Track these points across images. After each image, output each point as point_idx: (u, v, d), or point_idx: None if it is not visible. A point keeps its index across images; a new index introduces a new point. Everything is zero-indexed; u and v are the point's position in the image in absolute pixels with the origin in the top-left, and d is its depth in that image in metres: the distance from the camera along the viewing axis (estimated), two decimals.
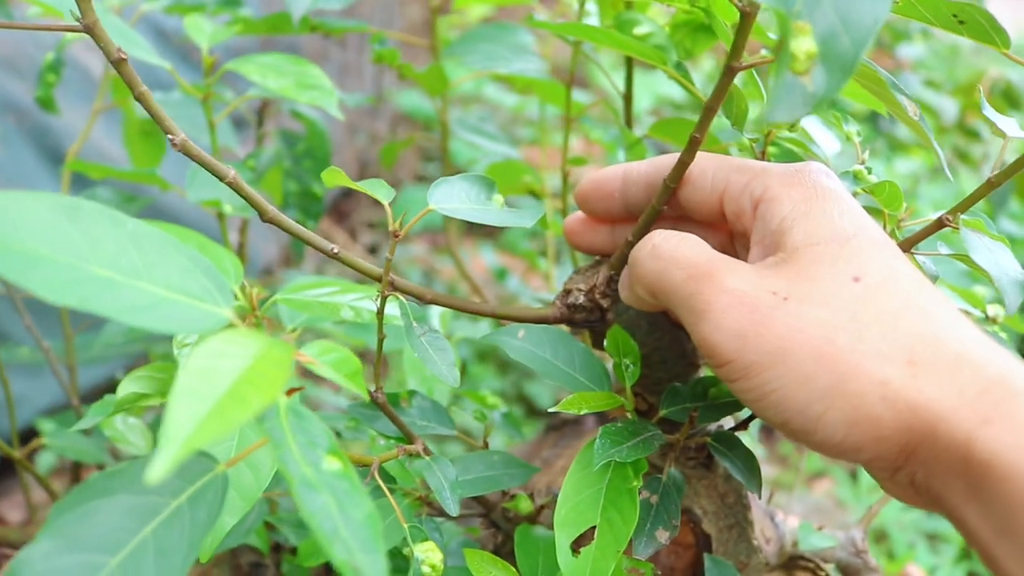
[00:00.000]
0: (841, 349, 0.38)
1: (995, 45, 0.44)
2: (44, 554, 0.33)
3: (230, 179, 0.46)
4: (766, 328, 0.40)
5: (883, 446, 0.39)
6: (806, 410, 0.39)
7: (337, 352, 0.36)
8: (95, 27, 0.43)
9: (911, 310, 0.39)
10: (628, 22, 0.66)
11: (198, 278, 0.35)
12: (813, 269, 0.40)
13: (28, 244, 0.31)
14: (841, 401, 0.38)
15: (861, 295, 0.39)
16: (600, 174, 0.52)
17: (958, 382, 0.37)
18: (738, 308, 0.41)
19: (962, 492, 0.37)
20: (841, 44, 0.33)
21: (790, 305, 0.40)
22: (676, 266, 0.44)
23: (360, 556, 0.30)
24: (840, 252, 0.41)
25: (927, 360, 0.38)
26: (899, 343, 0.38)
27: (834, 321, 0.39)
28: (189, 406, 0.28)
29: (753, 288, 0.41)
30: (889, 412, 0.38)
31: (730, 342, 0.40)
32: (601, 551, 0.47)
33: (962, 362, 0.38)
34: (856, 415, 0.38)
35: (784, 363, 0.39)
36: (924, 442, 0.38)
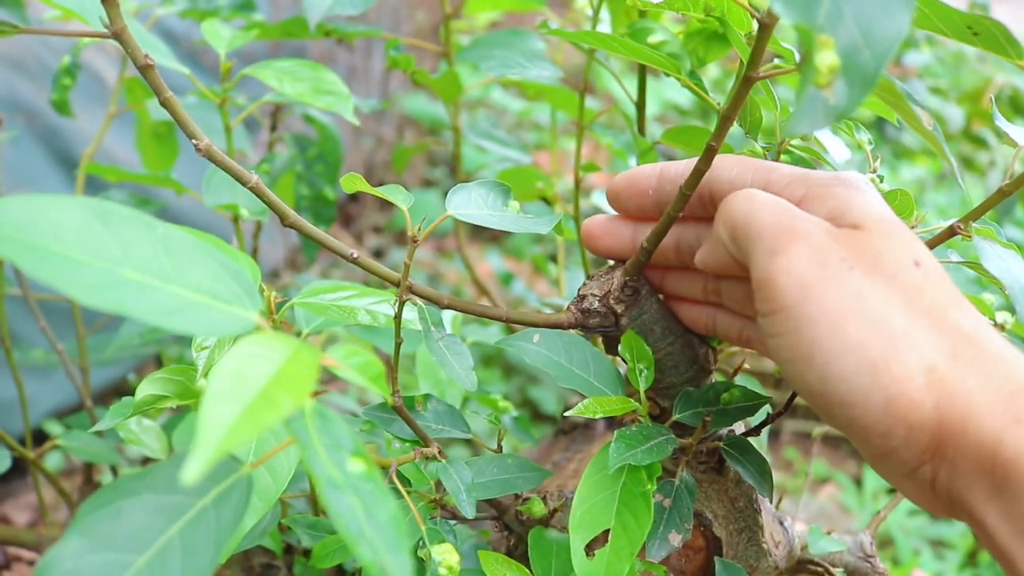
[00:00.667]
0: (895, 327, 0.39)
1: (1009, 57, 0.45)
2: (73, 553, 0.33)
3: (252, 184, 0.47)
4: (832, 286, 0.40)
5: (915, 434, 0.39)
6: (851, 379, 0.39)
7: (361, 356, 0.36)
8: (123, 33, 0.44)
9: (958, 306, 0.41)
10: (642, 30, 0.66)
11: (227, 282, 0.35)
12: (880, 244, 0.41)
13: (63, 247, 0.32)
14: (887, 378, 0.39)
15: (920, 281, 0.41)
16: (635, 171, 0.53)
17: (995, 381, 0.38)
18: (812, 259, 0.41)
19: (985, 492, 0.38)
20: (863, 58, 0.34)
21: (854, 274, 0.40)
22: (767, 209, 0.44)
23: (386, 556, 0.30)
24: (904, 232, 0.42)
25: (969, 356, 0.39)
26: (946, 335, 0.39)
27: (893, 300, 0.40)
28: (223, 408, 0.28)
29: (828, 247, 0.41)
30: (929, 399, 0.39)
31: (795, 288, 0.41)
32: (615, 553, 0.47)
33: (999, 362, 0.39)
34: (899, 396, 0.39)
35: (839, 325, 0.40)
36: (954, 436, 0.38)
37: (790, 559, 0.63)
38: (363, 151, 2.30)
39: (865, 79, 0.34)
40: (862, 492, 1.74)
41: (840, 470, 1.85)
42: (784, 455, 1.86)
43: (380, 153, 2.36)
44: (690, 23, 0.65)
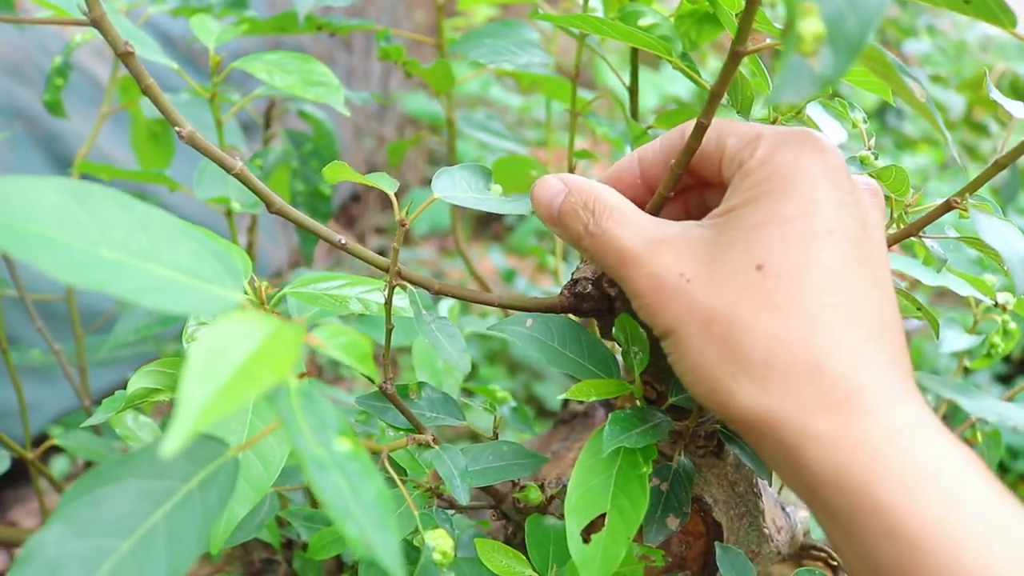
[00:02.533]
0: (711, 337, 0.41)
1: (1001, 24, 0.44)
2: (55, 539, 0.33)
3: (237, 171, 0.46)
4: (667, 308, 0.43)
5: (737, 427, 0.42)
6: (685, 375, 0.43)
7: (347, 335, 0.36)
8: (102, 21, 0.44)
9: (793, 308, 0.40)
10: (633, 14, 0.66)
11: (208, 262, 0.35)
12: (723, 253, 0.42)
13: (40, 227, 0.32)
14: (705, 379, 0.42)
15: (755, 285, 0.41)
16: (616, 168, 0.52)
17: (803, 393, 0.39)
18: (652, 291, 0.44)
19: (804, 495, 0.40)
20: (848, 25, 0.33)
21: (690, 287, 0.42)
22: (607, 252, 0.46)
23: (372, 533, 0.30)
24: (754, 239, 0.42)
25: (782, 365, 0.40)
26: (762, 341, 0.40)
27: (716, 309, 0.41)
28: (201, 382, 0.28)
29: (666, 270, 0.43)
30: (733, 404, 0.41)
31: (649, 318, 0.45)
32: (612, 537, 0.47)
33: (817, 373, 0.39)
34: (712, 396, 0.42)
35: (674, 336, 0.43)
36: (765, 440, 0.41)
37: (792, 544, 0.63)
38: (364, 151, 2.30)
39: (851, 46, 0.33)
40: None
41: None
42: None
43: (381, 152, 2.36)
44: (681, 5, 0.64)
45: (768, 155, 0.43)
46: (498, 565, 0.51)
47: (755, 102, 0.56)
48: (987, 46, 2.76)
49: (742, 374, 0.40)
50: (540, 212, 0.51)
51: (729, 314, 0.41)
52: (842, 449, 0.38)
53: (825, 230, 0.41)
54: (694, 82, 0.60)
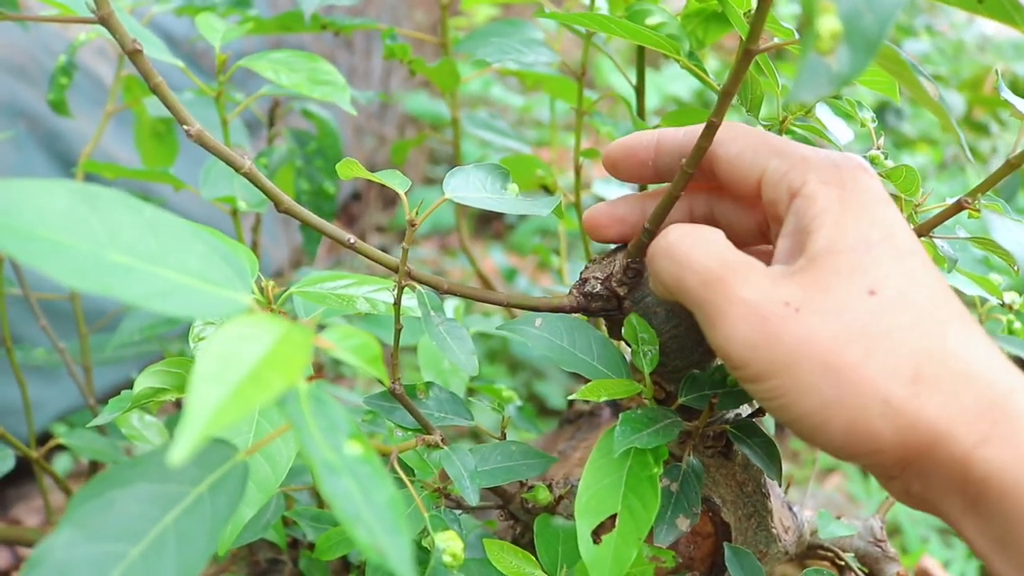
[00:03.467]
0: (848, 363, 0.39)
1: (1016, 24, 0.43)
2: (65, 544, 0.33)
3: (246, 169, 0.46)
4: (776, 339, 0.40)
5: (880, 457, 0.40)
6: (811, 416, 0.40)
7: (357, 337, 0.35)
8: (110, 19, 0.43)
9: (924, 325, 0.39)
10: (640, 12, 0.65)
11: (216, 264, 0.35)
12: (829, 279, 0.40)
13: (48, 231, 0.31)
14: (843, 413, 0.39)
15: (875, 308, 0.39)
16: (632, 140, 0.51)
17: (961, 401, 0.38)
18: (749, 319, 0.41)
19: (959, 506, 0.39)
20: (865, 22, 0.33)
21: (801, 316, 0.40)
22: (690, 271, 0.44)
23: (383, 538, 0.29)
24: (859, 262, 0.40)
25: (932, 378, 0.38)
26: (906, 359, 0.39)
27: (844, 335, 0.39)
28: (211, 388, 0.27)
29: (766, 298, 0.41)
30: (888, 428, 0.38)
31: (742, 351, 0.41)
32: (622, 538, 0.47)
33: (968, 381, 0.38)
34: (856, 427, 0.39)
35: (791, 373, 0.40)
36: (922, 457, 0.39)
37: (800, 544, 0.62)
38: (365, 150, 2.29)
39: (868, 43, 0.33)
40: (869, 481, 1.73)
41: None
42: (791, 445, 1.85)
43: (382, 152, 2.36)
44: (689, 3, 0.64)
45: (829, 179, 0.43)
46: (507, 566, 0.51)
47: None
48: (984, 46, 2.76)
49: (894, 395, 0.38)
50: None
51: (860, 340, 0.39)
52: (1012, 452, 0.37)
53: (909, 250, 0.41)
54: (702, 81, 0.60)
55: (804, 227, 0.42)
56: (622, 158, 0.52)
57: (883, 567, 0.64)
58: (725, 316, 0.41)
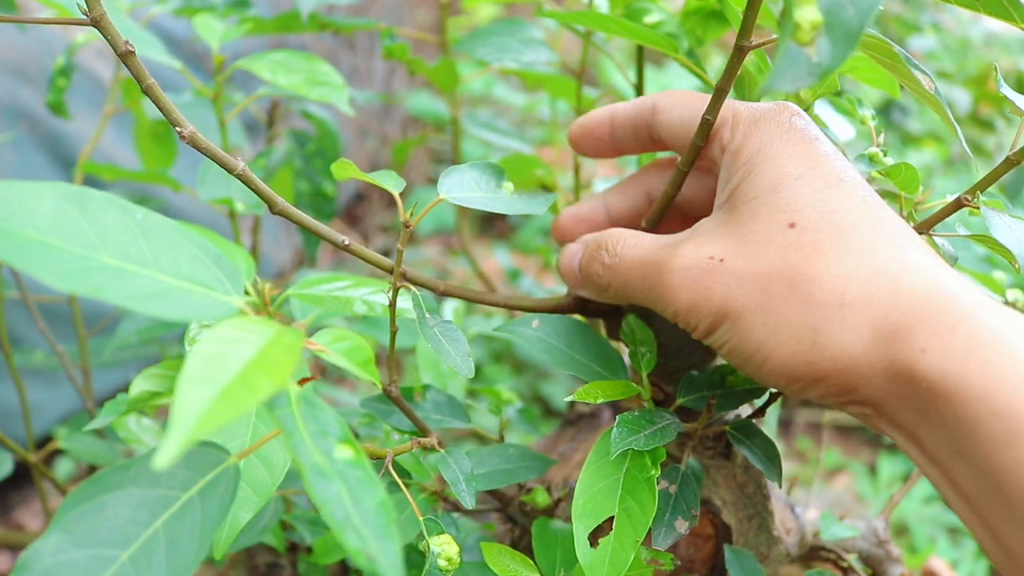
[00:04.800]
0: (774, 300, 0.40)
1: (1013, 21, 0.43)
2: (54, 548, 0.32)
3: (239, 171, 0.46)
4: (709, 293, 0.42)
5: (825, 386, 0.40)
6: (754, 356, 0.41)
7: (349, 340, 0.35)
8: (102, 20, 0.43)
9: (849, 247, 0.40)
10: (638, 11, 0.65)
11: (208, 267, 0.34)
12: (749, 225, 0.42)
13: (38, 233, 0.31)
14: (779, 349, 0.40)
15: (795, 240, 0.40)
16: (588, 119, 0.53)
17: (891, 318, 0.38)
18: (685, 284, 0.43)
19: (912, 420, 0.39)
20: (846, 13, 0.33)
21: (726, 265, 0.42)
22: (629, 274, 0.46)
23: (373, 544, 0.29)
24: (777, 201, 0.41)
25: (860, 298, 0.39)
26: (830, 285, 0.39)
27: (767, 273, 0.40)
28: (197, 391, 0.27)
29: (693, 260, 0.43)
30: (822, 357, 0.39)
31: (688, 315, 0.43)
32: (620, 541, 0.46)
33: (897, 295, 0.38)
34: (792, 361, 0.40)
35: (728, 321, 0.42)
36: (863, 379, 0.39)
37: (802, 546, 0.62)
38: (367, 150, 2.29)
39: (849, 34, 0.33)
40: (877, 480, 1.73)
41: (855, 459, 1.83)
42: (797, 445, 1.84)
43: (384, 152, 2.35)
44: (688, 1, 0.64)
45: (753, 129, 0.44)
46: (504, 569, 0.51)
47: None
48: (991, 42, 2.75)
49: (823, 325, 0.39)
50: (569, 281, 0.52)
51: (783, 274, 0.40)
52: (953, 359, 0.36)
53: (836, 179, 0.42)
54: (700, 79, 0.60)
55: (731, 181, 0.44)
56: (582, 136, 0.54)
57: (887, 568, 0.64)
58: (666, 290, 0.44)
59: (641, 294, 0.46)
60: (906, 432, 0.40)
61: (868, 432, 1.92)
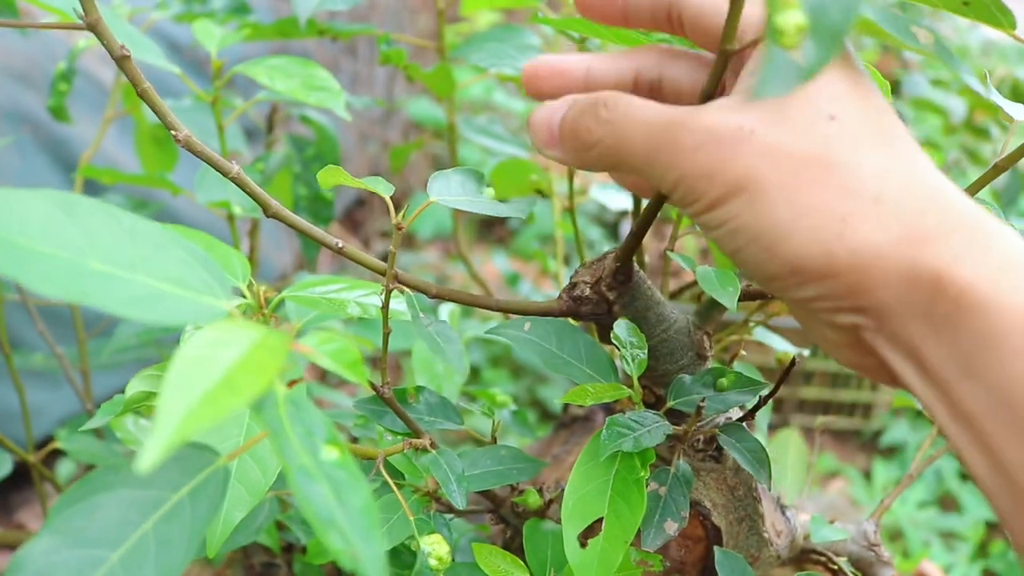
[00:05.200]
0: (806, 180, 0.37)
1: (1000, 26, 0.44)
2: (45, 550, 0.33)
3: (234, 174, 0.46)
4: (733, 160, 0.38)
5: (832, 284, 0.38)
6: (764, 236, 0.38)
7: (336, 342, 0.36)
8: (98, 25, 0.44)
9: (889, 150, 0.38)
10: None
11: (196, 271, 0.35)
12: (786, 110, 0.38)
13: (26, 239, 0.32)
14: (798, 231, 0.37)
15: (836, 132, 0.38)
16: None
17: (927, 221, 0.36)
18: (705, 146, 0.39)
19: (922, 332, 0.37)
20: (830, 15, 0.33)
21: (757, 137, 0.38)
22: (635, 131, 0.41)
23: (357, 544, 0.29)
24: (819, 92, 0.39)
25: (897, 200, 0.37)
26: (869, 181, 0.37)
27: (802, 154, 0.38)
28: (182, 394, 0.27)
29: (719, 125, 0.39)
30: (844, 249, 0.37)
31: (698, 183, 0.39)
32: (609, 542, 0.47)
33: (934, 201, 0.37)
34: (809, 248, 0.37)
35: (747, 193, 0.38)
36: (880, 280, 0.37)
37: (792, 548, 0.62)
38: (368, 156, 2.30)
39: (834, 36, 0.33)
40: (872, 486, 1.73)
41: (849, 464, 1.83)
42: None
43: (385, 158, 2.36)
44: None
45: None
46: (495, 569, 0.51)
47: None
48: (988, 51, 2.75)
49: (854, 215, 0.37)
50: (539, 136, 0.46)
51: (821, 158, 0.37)
52: (987, 269, 0.35)
53: (872, 88, 0.40)
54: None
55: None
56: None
57: (877, 571, 0.64)
58: (678, 152, 0.39)
59: (639, 155, 0.41)
60: (907, 348, 0.38)
61: (863, 437, 1.92)
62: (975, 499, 1.66)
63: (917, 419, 1.89)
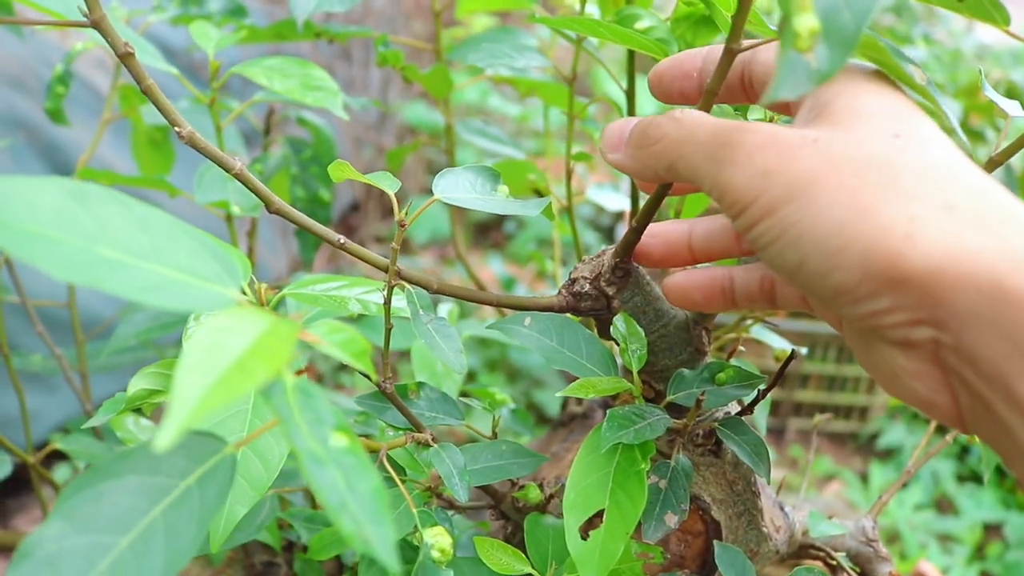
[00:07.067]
0: (868, 183, 0.36)
1: (995, 22, 0.44)
2: (54, 536, 0.33)
3: (237, 171, 0.46)
4: (793, 163, 0.37)
5: (903, 291, 0.35)
6: (824, 244, 0.36)
7: (344, 332, 0.36)
8: (102, 22, 0.44)
9: (955, 164, 0.37)
10: (629, 17, 0.66)
11: (207, 260, 0.35)
12: (851, 122, 0.38)
13: (39, 226, 0.32)
14: (862, 235, 0.35)
15: (901, 146, 0.37)
16: (681, 54, 0.49)
17: (1005, 233, 0.34)
18: (766, 148, 0.38)
19: (1003, 349, 0.34)
20: (843, 19, 0.34)
21: (820, 144, 0.37)
22: (701, 129, 0.41)
23: (368, 527, 0.30)
24: (882, 114, 0.38)
25: (969, 208, 0.35)
26: (937, 188, 0.35)
27: (865, 161, 0.36)
28: (196, 377, 0.28)
29: (783, 130, 0.39)
30: (915, 251, 0.34)
31: (755, 180, 0.38)
32: (610, 534, 0.47)
33: (1013, 215, 0.35)
34: (875, 252, 0.35)
35: (806, 195, 0.37)
36: (954, 289, 0.34)
37: (791, 543, 0.63)
38: (363, 160, 2.30)
39: (846, 40, 0.34)
40: (868, 488, 1.74)
41: (846, 467, 1.84)
42: (790, 453, 1.85)
43: (379, 162, 2.37)
44: (678, 7, 0.65)
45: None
46: (497, 563, 0.51)
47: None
48: (982, 54, 2.77)
49: (924, 215, 0.35)
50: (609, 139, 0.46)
51: (887, 161, 0.36)
52: None
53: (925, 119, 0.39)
54: None
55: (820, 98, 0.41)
56: (669, 68, 0.49)
57: (875, 567, 0.65)
58: (741, 147, 0.39)
59: (701, 151, 0.40)
60: (988, 370, 0.35)
61: (860, 440, 1.93)
62: (972, 501, 1.67)
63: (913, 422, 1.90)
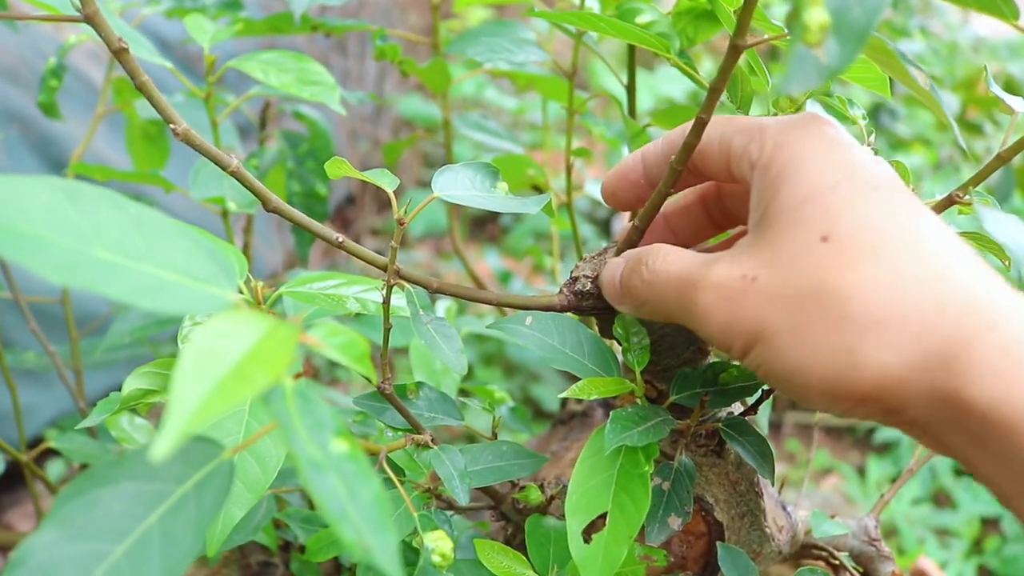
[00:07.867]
0: (807, 319, 0.38)
1: (1004, 17, 0.43)
2: (47, 543, 0.32)
3: (233, 168, 0.46)
4: (742, 313, 0.40)
5: (867, 407, 0.39)
6: (791, 378, 0.40)
7: (344, 335, 0.35)
8: (95, 16, 0.43)
9: (882, 259, 0.38)
10: (630, 11, 0.65)
11: (203, 261, 0.34)
12: (780, 239, 0.40)
13: (31, 227, 0.31)
14: (816, 370, 0.39)
15: (829, 255, 0.38)
16: (620, 167, 0.52)
17: (932, 338, 0.36)
18: (718, 303, 0.41)
19: (963, 442, 0.37)
20: (853, 14, 0.33)
21: (759, 284, 0.40)
22: (665, 289, 0.45)
23: (369, 536, 0.29)
24: (810, 213, 0.40)
25: (895, 315, 0.37)
26: (864, 304, 0.38)
27: (800, 292, 0.39)
28: (193, 383, 0.27)
29: (727, 279, 0.41)
30: (861, 378, 0.38)
31: (721, 334, 0.42)
32: (613, 537, 0.46)
33: (938, 310, 0.37)
34: (830, 383, 0.38)
35: (761, 343, 0.40)
36: (908, 400, 0.37)
37: (794, 543, 0.62)
38: (359, 154, 2.29)
39: (857, 35, 0.33)
40: (866, 482, 1.73)
41: (843, 460, 1.84)
42: (787, 447, 1.85)
43: (375, 155, 2.36)
44: (679, 2, 0.64)
45: (782, 140, 0.42)
46: (498, 566, 0.51)
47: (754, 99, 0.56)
48: (979, 47, 2.76)
49: (858, 344, 0.37)
50: (610, 293, 0.50)
51: (815, 291, 0.38)
52: (1003, 388, 0.35)
53: (871, 186, 0.40)
54: (692, 79, 0.60)
55: (763, 197, 0.42)
56: (616, 184, 0.52)
57: (878, 566, 0.64)
58: (699, 308, 0.42)
59: (677, 312, 0.45)
60: (959, 455, 0.38)
61: (857, 434, 1.93)
62: (969, 495, 1.67)
63: None
